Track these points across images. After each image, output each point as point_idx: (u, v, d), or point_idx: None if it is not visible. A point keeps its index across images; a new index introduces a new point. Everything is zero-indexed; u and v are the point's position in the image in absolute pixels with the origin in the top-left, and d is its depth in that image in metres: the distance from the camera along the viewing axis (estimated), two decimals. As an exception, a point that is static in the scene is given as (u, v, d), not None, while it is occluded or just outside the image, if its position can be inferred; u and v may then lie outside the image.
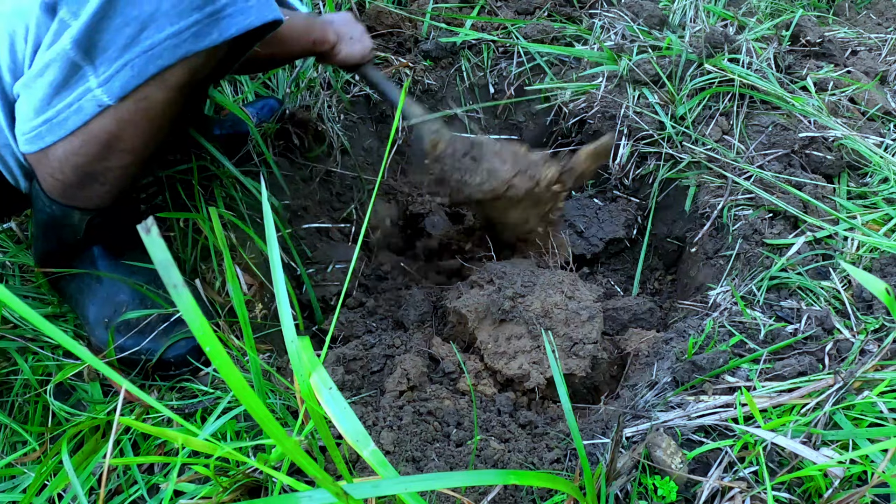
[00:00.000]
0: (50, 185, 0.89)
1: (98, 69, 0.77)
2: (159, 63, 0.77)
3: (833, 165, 1.33)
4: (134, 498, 0.83)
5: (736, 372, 0.94)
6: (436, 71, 1.72)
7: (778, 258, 1.13)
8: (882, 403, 0.82)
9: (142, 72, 0.77)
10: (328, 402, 0.51)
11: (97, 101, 0.78)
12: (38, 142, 0.82)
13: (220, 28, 0.78)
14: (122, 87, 0.78)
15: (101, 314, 1.00)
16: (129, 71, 0.77)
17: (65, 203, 0.91)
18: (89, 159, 0.84)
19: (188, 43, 0.77)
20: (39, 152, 0.84)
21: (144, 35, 0.75)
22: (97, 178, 0.88)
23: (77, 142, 0.82)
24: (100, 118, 0.80)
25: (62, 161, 0.84)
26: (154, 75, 0.78)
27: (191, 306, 0.40)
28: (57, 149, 0.83)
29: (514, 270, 1.18)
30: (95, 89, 0.78)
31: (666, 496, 0.78)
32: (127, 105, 0.79)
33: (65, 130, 0.81)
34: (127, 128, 0.82)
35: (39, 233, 0.98)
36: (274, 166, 1.35)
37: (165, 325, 0.99)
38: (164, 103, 0.82)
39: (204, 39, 0.78)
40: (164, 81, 0.79)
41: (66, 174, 0.86)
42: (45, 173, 0.87)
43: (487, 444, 0.87)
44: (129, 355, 0.97)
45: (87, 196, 0.91)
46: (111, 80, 0.77)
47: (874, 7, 2.27)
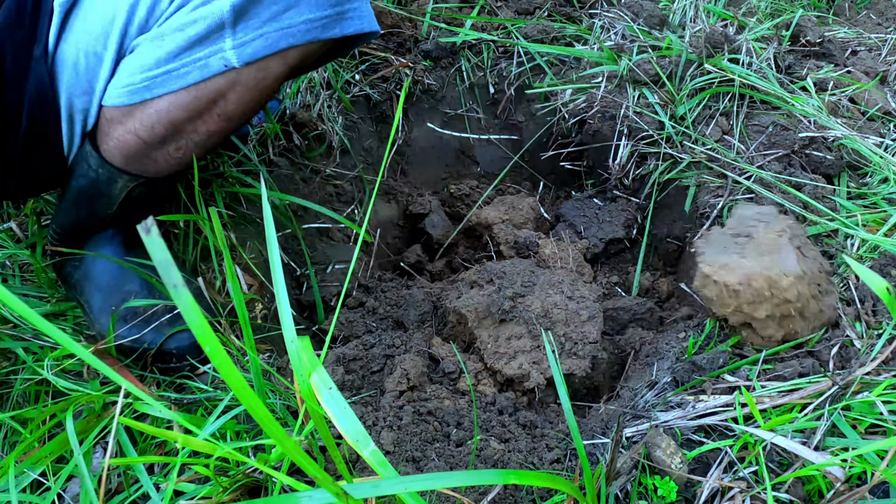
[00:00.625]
0: (122, 144, 0.91)
1: (237, 33, 0.85)
2: (290, 41, 0.86)
3: (833, 165, 1.33)
4: (134, 498, 0.83)
5: (736, 372, 0.94)
6: (436, 71, 1.72)
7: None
8: (882, 404, 0.82)
9: (274, 44, 0.86)
10: (328, 402, 0.51)
11: (225, 61, 0.86)
12: (145, 93, 0.87)
13: (342, 25, 0.90)
14: (253, 53, 0.86)
15: (107, 302, 1.00)
16: (262, 41, 0.85)
17: (120, 167, 0.94)
18: (189, 115, 0.89)
19: (317, 30, 0.87)
20: (135, 105, 0.88)
21: (287, 15, 0.85)
22: (181, 138, 0.92)
23: (187, 97, 0.88)
24: (219, 78, 0.87)
25: (160, 114, 0.88)
26: (281, 50, 0.87)
27: (191, 305, 0.40)
28: (161, 101, 0.88)
29: (514, 270, 1.18)
30: (228, 50, 0.85)
31: (666, 496, 0.78)
32: (248, 71, 0.87)
33: (182, 83, 0.86)
34: (237, 91, 0.89)
35: (69, 203, 1.00)
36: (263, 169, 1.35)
37: (170, 317, 1.00)
38: (276, 77, 0.90)
39: (329, 31, 0.89)
40: (285, 58, 0.88)
41: (155, 130, 0.90)
42: (126, 130, 0.90)
43: (487, 444, 0.87)
44: (129, 343, 0.97)
45: (155, 158, 0.94)
46: (245, 46, 0.85)
47: (874, 7, 2.27)
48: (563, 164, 1.66)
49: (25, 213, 1.20)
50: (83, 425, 0.87)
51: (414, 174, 1.76)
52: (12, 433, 0.92)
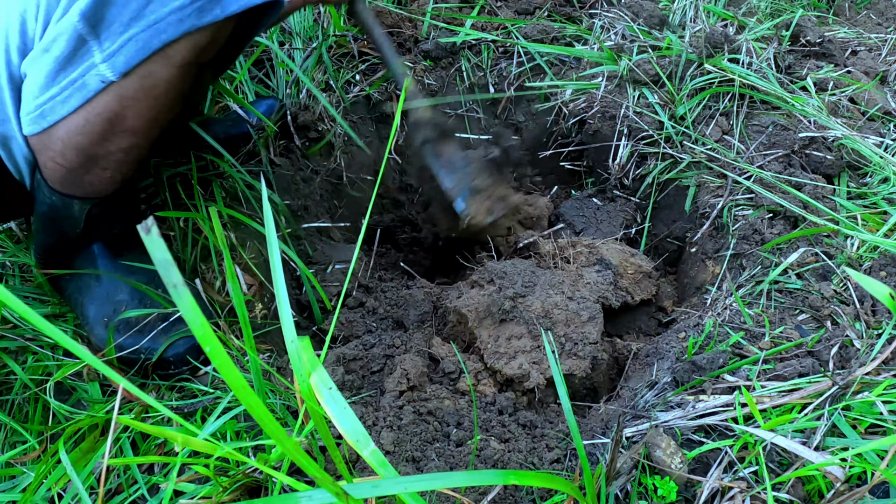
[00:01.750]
0: (52, 172, 0.89)
1: (103, 44, 0.77)
2: (163, 38, 0.77)
3: (833, 165, 1.33)
4: (134, 498, 0.83)
5: (736, 372, 0.94)
6: (436, 71, 1.72)
7: (778, 258, 1.13)
8: (882, 404, 0.82)
9: (146, 46, 0.77)
10: (328, 402, 0.51)
11: (101, 77, 0.79)
12: (41, 121, 0.82)
13: (223, 4, 0.79)
14: (126, 62, 0.78)
15: (100, 313, 1.00)
16: (133, 45, 0.77)
17: (65, 192, 0.91)
18: (92, 139, 0.84)
19: (192, 18, 0.77)
20: (42, 133, 0.84)
21: (149, 9, 0.76)
22: (99, 161, 0.88)
23: (80, 120, 0.82)
24: (103, 95, 0.80)
25: (65, 142, 0.84)
26: (158, 50, 0.78)
27: (191, 306, 0.40)
28: (59, 128, 0.83)
29: (514, 270, 1.18)
30: (100, 64, 0.78)
31: (666, 496, 0.78)
32: (131, 82, 0.80)
33: (68, 108, 0.81)
34: (130, 106, 0.82)
35: (40, 226, 0.98)
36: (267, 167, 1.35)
37: (165, 325, 0.99)
38: (167, 81, 0.82)
39: (207, 14, 0.78)
40: (168, 58, 0.80)
41: (67, 157, 0.86)
42: (48, 157, 0.87)
43: (487, 444, 0.87)
44: (128, 354, 0.97)
45: (89, 182, 0.91)
46: (115, 55, 0.77)
47: (874, 7, 2.27)
48: (562, 164, 1.65)
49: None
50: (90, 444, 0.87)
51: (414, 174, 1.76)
52: (12, 433, 0.92)
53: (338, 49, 1.67)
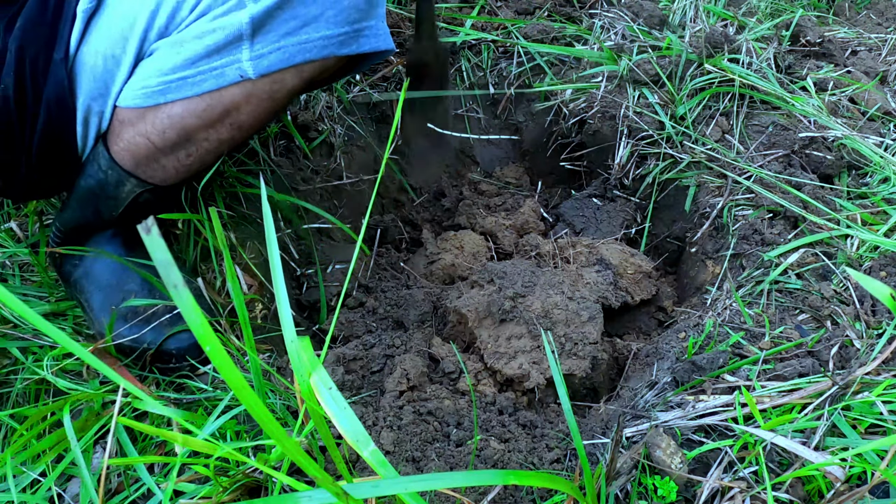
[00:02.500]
0: (133, 147, 0.92)
1: (254, 45, 0.86)
2: (306, 55, 0.88)
3: (833, 165, 1.33)
4: (134, 497, 0.83)
5: (736, 372, 0.94)
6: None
7: (778, 258, 1.13)
8: (882, 404, 0.82)
9: (290, 58, 0.87)
10: (328, 402, 0.51)
11: (241, 72, 0.87)
12: (159, 97, 0.88)
13: (359, 42, 0.92)
14: (269, 66, 0.87)
15: (107, 302, 1.00)
16: (279, 55, 0.87)
17: (129, 169, 0.94)
18: (201, 123, 0.90)
19: (333, 46, 0.89)
20: (149, 108, 0.89)
21: (304, 30, 0.87)
22: (190, 146, 0.93)
23: (202, 104, 0.89)
24: (234, 87, 0.88)
25: (173, 120, 0.89)
26: (298, 64, 0.88)
27: (191, 305, 0.40)
28: (175, 106, 0.89)
29: (514, 270, 1.18)
30: (245, 61, 0.86)
31: (666, 496, 0.78)
32: (263, 82, 0.89)
33: (197, 90, 0.88)
34: (251, 102, 0.90)
35: (75, 201, 1.00)
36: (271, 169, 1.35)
37: (170, 317, 1.00)
38: (291, 90, 0.92)
39: (346, 47, 0.91)
40: (300, 71, 0.90)
41: (166, 135, 0.91)
42: (138, 132, 0.91)
43: (487, 444, 0.87)
44: (129, 343, 0.97)
45: (163, 165, 0.95)
46: (261, 58, 0.87)
47: (874, 7, 2.27)
48: (563, 164, 1.65)
49: (26, 213, 1.20)
50: (81, 423, 0.87)
51: (414, 174, 1.76)
52: (11, 432, 0.92)
53: (338, 49, 1.67)
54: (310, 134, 1.51)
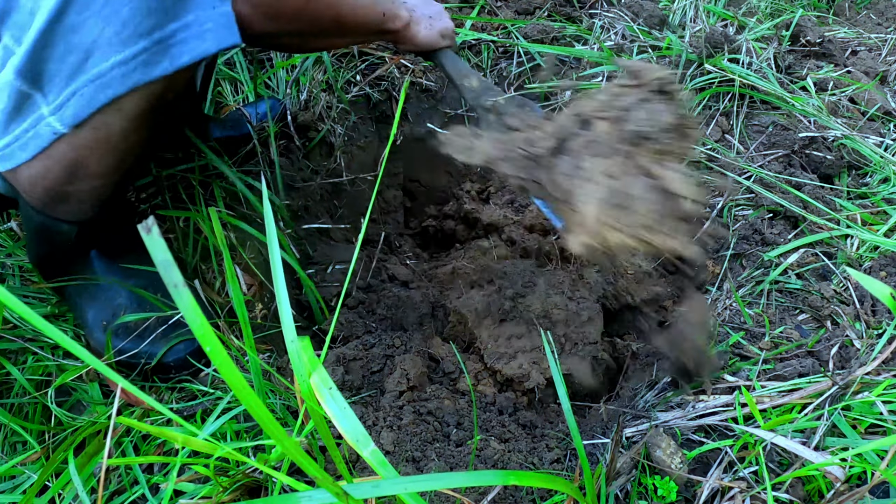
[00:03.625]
0: (30, 200, 0.88)
1: (48, 96, 0.72)
2: (109, 93, 0.72)
3: (833, 165, 1.33)
4: (134, 498, 0.83)
5: (736, 372, 0.94)
6: (436, 71, 1.72)
7: (778, 258, 1.13)
8: (882, 404, 0.82)
9: (92, 100, 0.72)
10: (328, 402, 0.51)
11: (52, 129, 0.75)
12: (5, 162, 0.80)
13: (171, 55, 0.72)
14: (75, 115, 0.73)
15: (99, 317, 1.00)
16: (79, 99, 0.72)
17: (49, 215, 0.91)
18: (56, 183, 0.82)
19: (137, 73, 0.71)
20: (9, 172, 0.82)
21: (90, 63, 0.70)
22: (70, 199, 0.86)
23: (40, 166, 0.79)
24: (59, 144, 0.76)
25: (32, 183, 0.83)
26: (107, 104, 0.73)
27: (191, 306, 0.40)
28: (23, 171, 0.81)
29: (514, 270, 1.18)
30: (48, 117, 0.74)
31: (666, 496, 0.78)
32: (84, 132, 0.76)
33: (26, 155, 0.78)
34: (89, 154, 0.79)
35: (31, 240, 0.98)
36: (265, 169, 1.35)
37: (164, 328, 0.99)
38: (123, 131, 0.77)
39: (154, 68, 0.72)
40: (119, 110, 0.75)
41: (38, 194, 0.85)
42: (21, 190, 0.86)
43: (487, 444, 0.87)
44: (127, 358, 0.97)
45: (68, 211, 0.90)
46: (62, 108, 0.73)
47: (874, 7, 2.27)
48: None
49: (25, 213, 1.20)
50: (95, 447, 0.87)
51: (413, 174, 1.76)
52: (12, 433, 0.92)
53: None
54: (310, 134, 1.51)
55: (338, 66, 1.64)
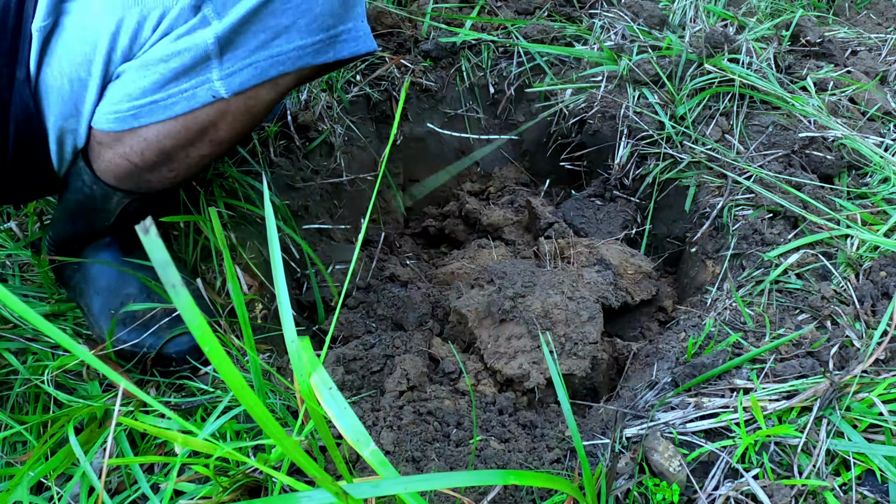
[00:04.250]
0: (113, 167, 0.90)
1: (224, 64, 0.82)
2: (280, 69, 0.84)
3: (833, 165, 1.33)
4: (134, 497, 0.83)
5: (736, 373, 0.94)
6: (436, 71, 1.72)
7: (778, 259, 1.13)
8: (881, 404, 0.82)
9: (263, 73, 0.83)
10: (328, 402, 0.51)
11: (213, 92, 0.83)
12: (132, 121, 0.85)
13: (336, 49, 0.87)
14: (241, 83, 0.83)
15: (106, 305, 1.00)
16: (251, 71, 0.83)
17: (112, 184, 0.93)
18: (179, 144, 0.88)
19: (309, 56, 0.85)
20: (124, 132, 0.86)
21: (276, 43, 0.82)
22: (172, 163, 0.91)
23: (177, 126, 0.85)
24: (208, 108, 0.84)
25: (150, 142, 0.87)
26: (272, 78, 0.84)
27: (189, 306, 0.40)
28: (150, 129, 0.86)
29: (514, 270, 1.18)
30: (216, 81, 0.82)
31: (666, 497, 0.78)
32: (237, 100, 0.85)
33: (169, 113, 0.84)
34: (227, 120, 0.87)
35: (66, 215, 0.99)
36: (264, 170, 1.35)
37: (169, 320, 1.00)
38: (268, 103, 0.88)
39: (322, 56, 0.86)
40: (276, 85, 0.86)
41: (145, 156, 0.88)
42: (117, 153, 0.89)
43: (487, 444, 0.87)
44: (129, 348, 0.97)
45: (147, 179, 0.93)
46: (233, 76, 0.83)
47: (874, 7, 2.27)
48: (563, 164, 1.66)
49: (26, 213, 1.20)
50: (87, 436, 0.87)
51: (414, 174, 1.76)
52: (13, 434, 0.92)
53: (338, 49, 1.67)
54: (310, 134, 1.51)
55: (338, 65, 1.64)
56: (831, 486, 0.76)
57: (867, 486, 0.76)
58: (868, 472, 0.78)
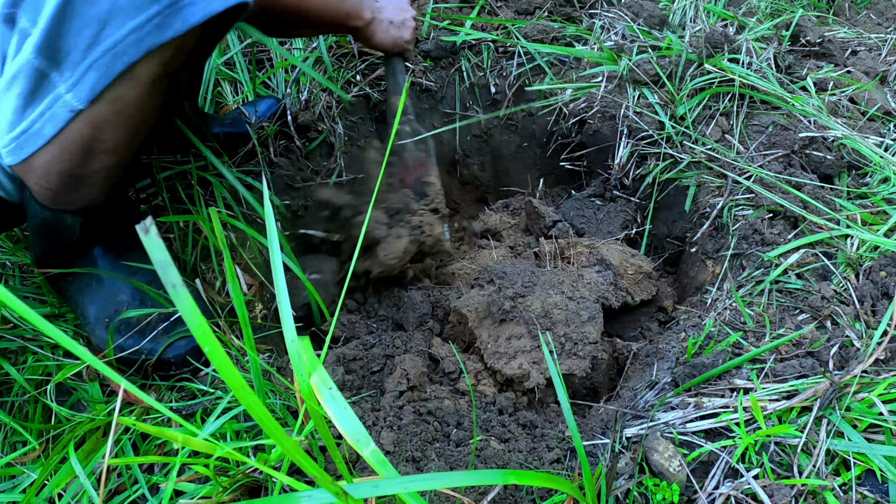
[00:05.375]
0: (39, 193, 0.89)
1: (64, 74, 0.75)
2: (125, 59, 0.74)
3: (833, 165, 1.33)
4: (134, 497, 0.83)
5: (736, 373, 0.94)
6: (436, 71, 1.72)
7: (778, 259, 1.13)
8: (881, 404, 0.82)
9: (108, 71, 0.75)
10: (328, 402, 0.51)
11: (69, 107, 0.76)
12: (19, 153, 0.81)
13: (183, 17, 0.75)
14: (92, 88, 0.75)
15: (101, 314, 1.00)
16: (95, 72, 0.74)
17: (56, 208, 0.91)
18: (72, 164, 0.83)
19: (151, 36, 0.74)
20: (23, 163, 0.83)
21: (105, 33, 0.72)
22: (84, 181, 0.87)
23: (56, 150, 0.81)
24: (75, 123, 0.78)
25: (46, 169, 0.84)
26: (122, 73, 0.75)
27: (190, 306, 0.40)
28: (37, 158, 0.81)
29: (514, 270, 1.18)
30: (65, 95, 0.76)
31: (666, 497, 0.78)
32: (100, 107, 0.78)
33: (42, 139, 0.79)
34: (105, 129, 0.80)
35: (36, 236, 0.98)
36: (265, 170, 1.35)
37: (165, 325, 0.99)
38: (137, 100, 0.80)
39: (167, 30, 0.74)
40: (133, 78, 0.77)
41: (51, 181, 0.86)
42: (33, 182, 0.87)
43: (487, 444, 0.87)
44: (128, 355, 0.97)
45: (77, 198, 0.90)
46: (79, 84, 0.75)
47: (874, 7, 2.27)
48: (563, 164, 1.66)
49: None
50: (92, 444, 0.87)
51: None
52: (12, 433, 0.92)
53: (338, 49, 1.67)
54: (310, 134, 1.51)
55: (338, 66, 1.64)
56: (831, 485, 0.76)
57: (867, 486, 0.76)
58: (868, 472, 0.78)
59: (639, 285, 1.29)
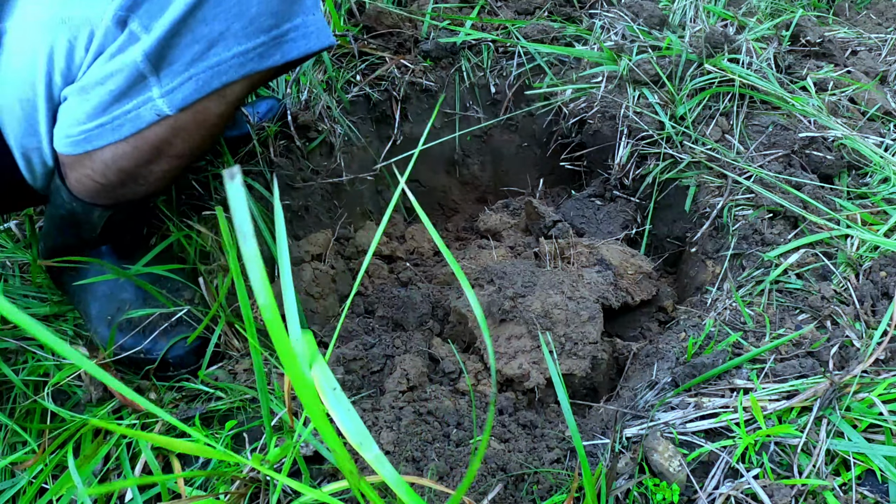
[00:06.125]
0: (83, 186, 0.89)
1: (162, 80, 0.79)
2: (223, 79, 0.80)
3: (833, 165, 1.33)
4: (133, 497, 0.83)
5: (736, 373, 0.94)
6: (436, 71, 1.72)
7: (778, 259, 1.13)
8: (881, 404, 0.82)
9: (205, 86, 0.80)
10: (330, 403, 0.51)
11: (156, 111, 0.80)
12: (86, 144, 0.83)
13: (283, 50, 0.82)
14: (184, 98, 0.80)
15: (103, 311, 1.00)
16: (192, 84, 0.79)
17: (92, 201, 0.92)
18: (137, 163, 0.86)
19: (253, 62, 0.80)
20: (83, 154, 0.84)
21: (212, 52, 0.78)
22: (139, 179, 0.89)
23: (128, 147, 0.83)
24: (157, 126, 0.82)
25: (108, 164, 0.85)
26: (217, 89, 0.81)
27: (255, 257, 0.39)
28: (105, 152, 0.84)
29: (514, 270, 1.18)
30: (157, 99, 0.79)
31: (666, 497, 0.78)
32: (185, 115, 0.82)
33: (118, 136, 0.82)
34: (180, 135, 0.84)
35: (53, 229, 0.98)
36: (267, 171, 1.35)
37: (166, 326, 0.99)
38: (219, 115, 0.85)
39: (267, 60, 0.81)
40: (223, 96, 0.82)
41: (108, 176, 0.87)
42: (82, 174, 0.88)
43: (487, 443, 0.87)
44: (129, 355, 0.97)
45: (121, 194, 0.92)
46: (174, 92, 0.79)
47: (874, 7, 2.27)
48: (563, 164, 1.66)
49: (27, 213, 1.20)
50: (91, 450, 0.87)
51: (414, 174, 1.76)
52: (12, 434, 0.92)
53: (338, 49, 1.67)
54: (310, 134, 1.51)
55: (338, 66, 1.64)
56: (831, 485, 0.76)
57: (867, 486, 0.76)
58: (868, 472, 0.78)
59: (639, 285, 1.29)
